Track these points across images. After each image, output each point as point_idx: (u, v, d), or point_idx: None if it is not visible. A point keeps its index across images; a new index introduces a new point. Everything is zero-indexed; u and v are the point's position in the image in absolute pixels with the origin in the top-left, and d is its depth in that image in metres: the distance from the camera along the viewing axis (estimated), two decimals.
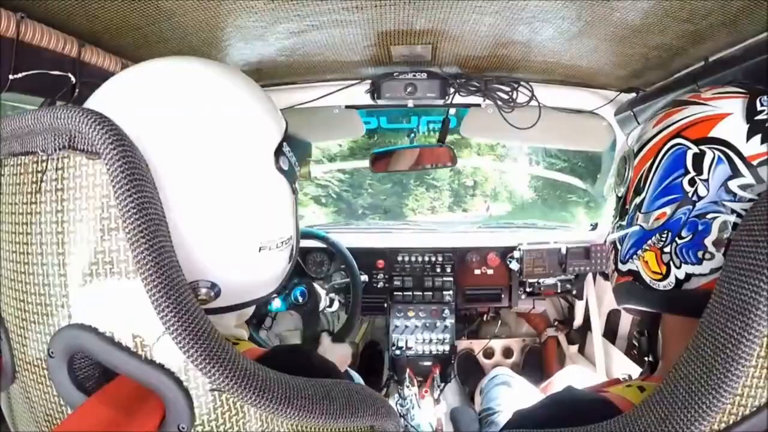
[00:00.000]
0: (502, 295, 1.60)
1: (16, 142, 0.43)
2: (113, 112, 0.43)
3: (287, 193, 0.54)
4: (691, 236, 0.49)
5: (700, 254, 0.48)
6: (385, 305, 1.55)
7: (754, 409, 0.41)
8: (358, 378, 1.15)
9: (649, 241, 0.53)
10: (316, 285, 1.41)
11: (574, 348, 1.71)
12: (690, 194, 0.49)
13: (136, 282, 0.38)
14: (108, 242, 0.39)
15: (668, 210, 0.51)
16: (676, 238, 0.50)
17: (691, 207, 0.49)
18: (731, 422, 0.41)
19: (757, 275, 0.39)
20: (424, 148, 1.39)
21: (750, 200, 0.46)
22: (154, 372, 0.39)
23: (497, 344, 1.80)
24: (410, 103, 1.28)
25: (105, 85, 0.50)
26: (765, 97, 0.49)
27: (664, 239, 0.51)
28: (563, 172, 3.68)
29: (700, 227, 0.48)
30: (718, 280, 0.44)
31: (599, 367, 1.53)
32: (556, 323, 1.76)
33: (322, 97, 1.27)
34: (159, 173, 0.44)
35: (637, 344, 0.64)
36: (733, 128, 0.48)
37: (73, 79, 0.75)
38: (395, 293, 1.55)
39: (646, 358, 0.61)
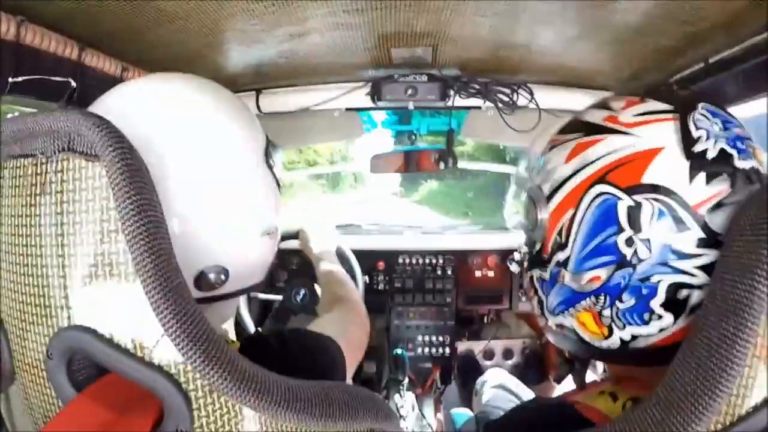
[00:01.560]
0: (503, 297, 1.60)
1: (15, 145, 0.43)
2: (123, 116, 0.48)
3: (276, 188, 0.62)
4: (634, 301, 0.43)
5: (646, 317, 0.43)
6: (385, 307, 1.55)
7: (750, 409, 0.41)
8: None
9: (583, 303, 0.46)
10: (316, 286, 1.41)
11: None
12: (628, 256, 0.42)
13: (135, 284, 0.38)
14: (107, 244, 0.39)
15: (603, 273, 0.43)
16: (617, 302, 0.44)
17: (631, 270, 0.42)
18: (728, 423, 0.41)
19: (750, 275, 0.39)
20: (423, 151, 1.39)
21: (698, 255, 0.41)
22: (153, 374, 0.39)
23: (497, 346, 1.79)
24: (411, 106, 1.28)
25: (116, 91, 0.55)
26: (697, 114, 0.43)
27: (601, 302, 0.44)
28: None
29: (645, 291, 0.42)
30: (711, 280, 0.42)
31: (599, 369, 1.52)
32: None
33: (324, 102, 1.27)
34: (169, 169, 0.50)
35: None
36: (670, 168, 0.41)
37: (73, 82, 0.75)
38: (395, 295, 1.54)
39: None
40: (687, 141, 0.41)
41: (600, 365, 1.25)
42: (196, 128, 0.53)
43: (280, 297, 1.36)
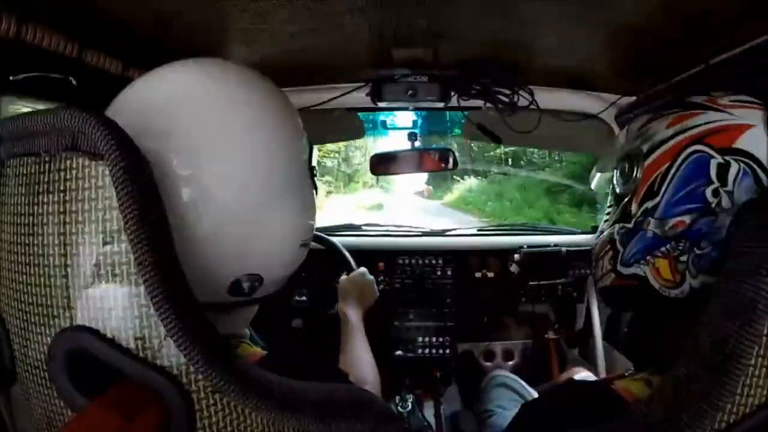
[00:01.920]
0: (503, 298, 1.59)
1: (18, 143, 0.43)
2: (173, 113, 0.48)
3: (314, 196, 0.61)
4: (711, 247, 0.48)
5: (719, 265, 0.47)
6: (385, 307, 1.54)
7: (754, 408, 0.41)
8: None
9: (663, 249, 0.51)
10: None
11: (575, 351, 1.71)
12: (713, 205, 0.48)
13: (138, 285, 0.38)
14: (110, 245, 0.39)
15: (687, 219, 0.49)
16: (694, 248, 0.49)
17: (713, 218, 0.48)
18: (732, 421, 0.41)
19: (756, 274, 0.39)
20: (425, 151, 1.39)
21: None
22: (155, 375, 0.39)
23: (498, 347, 1.79)
24: (411, 106, 1.28)
25: (164, 81, 0.53)
26: None
27: (680, 248, 0.50)
28: None
29: (722, 239, 0.48)
30: (718, 278, 0.44)
31: (600, 370, 1.53)
32: (556, 326, 1.76)
33: (325, 102, 1.27)
34: (217, 172, 0.48)
35: (632, 342, 0.64)
36: (757, 141, 0.48)
37: (73, 81, 0.75)
38: (395, 295, 1.54)
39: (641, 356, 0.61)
40: None
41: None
42: (253, 132, 0.51)
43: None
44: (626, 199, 0.56)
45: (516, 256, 1.52)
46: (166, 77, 0.53)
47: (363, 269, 1.17)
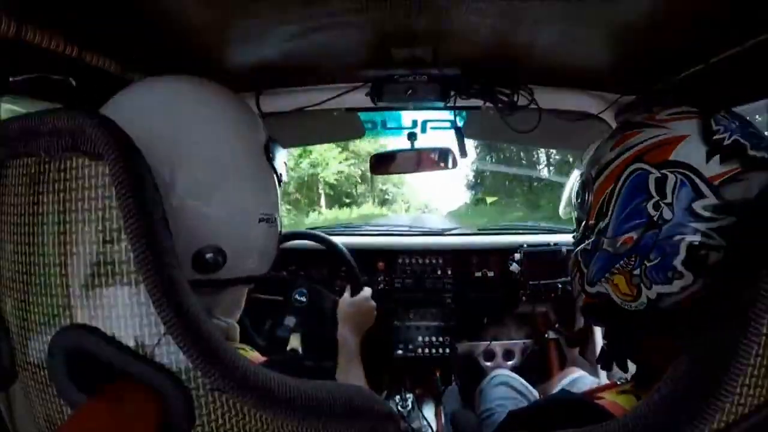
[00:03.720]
0: (503, 298, 1.59)
1: (19, 144, 0.43)
2: (132, 114, 0.51)
3: (275, 181, 0.65)
4: (659, 258, 0.51)
5: (669, 274, 0.50)
6: (385, 307, 1.55)
7: (754, 407, 0.41)
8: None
9: (617, 265, 0.54)
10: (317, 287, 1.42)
11: (576, 350, 1.71)
12: (655, 218, 0.51)
13: (137, 283, 0.38)
14: (110, 244, 0.39)
15: (634, 234, 0.52)
16: (645, 261, 0.52)
17: (657, 231, 0.51)
18: (731, 421, 0.41)
19: (755, 274, 0.39)
20: (425, 151, 1.39)
21: (713, 219, 0.48)
22: (154, 372, 0.39)
23: (498, 347, 1.79)
24: (411, 106, 1.28)
25: (128, 91, 0.59)
26: (718, 116, 0.52)
27: (632, 263, 0.53)
28: None
29: (668, 249, 0.50)
30: (716, 279, 0.44)
31: (600, 370, 1.52)
32: (557, 325, 1.76)
33: (323, 102, 1.27)
34: (170, 157, 0.52)
35: (608, 355, 0.65)
36: (692, 150, 0.51)
37: (73, 81, 0.75)
38: (395, 295, 1.54)
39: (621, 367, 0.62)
40: (707, 132, 0.51)
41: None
42: (195, 121, 0.57)
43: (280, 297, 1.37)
44: (584, 223, 0.60)
45: (516, 255, 1.52)
46: (141, 93, 0.59)
47: (366, 293, 1.19)
